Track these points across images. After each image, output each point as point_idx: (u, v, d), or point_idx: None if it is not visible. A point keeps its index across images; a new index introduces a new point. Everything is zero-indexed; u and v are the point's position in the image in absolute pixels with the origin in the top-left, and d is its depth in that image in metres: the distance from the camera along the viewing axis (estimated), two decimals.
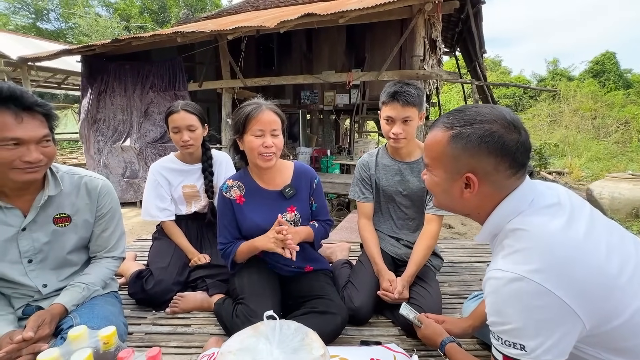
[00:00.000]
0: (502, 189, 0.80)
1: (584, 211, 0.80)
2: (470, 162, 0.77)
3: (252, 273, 1.41)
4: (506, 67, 24.07)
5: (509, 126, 0.76)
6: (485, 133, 0.75)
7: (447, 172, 0.82)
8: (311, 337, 0.85)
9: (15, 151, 0.96)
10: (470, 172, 0.78)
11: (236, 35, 3.88)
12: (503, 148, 0.75)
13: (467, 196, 0.81)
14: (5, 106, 0.93)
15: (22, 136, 0.96)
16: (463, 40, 7.63)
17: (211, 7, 19.39)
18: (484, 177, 0.78)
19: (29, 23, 18.77)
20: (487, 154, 0.75)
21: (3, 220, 1.08)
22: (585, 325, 0.68)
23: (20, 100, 0.95)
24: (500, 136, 0.75)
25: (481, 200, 0.82)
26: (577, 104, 13.90)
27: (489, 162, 0.76)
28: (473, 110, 0.80)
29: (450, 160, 0.80)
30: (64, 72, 8.75)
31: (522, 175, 0.80)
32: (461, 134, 0.78)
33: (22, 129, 0.96)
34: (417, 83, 1.54)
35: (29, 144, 0.98)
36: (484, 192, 0.80)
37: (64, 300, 1.12)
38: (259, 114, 1.28)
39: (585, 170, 8.45)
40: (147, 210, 1.78)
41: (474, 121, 0.77)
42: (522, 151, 0.76)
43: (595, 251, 0.71)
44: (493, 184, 0.78)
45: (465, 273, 1.95)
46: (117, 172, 5.57)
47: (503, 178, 0.78)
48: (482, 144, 0.75)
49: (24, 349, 0.96)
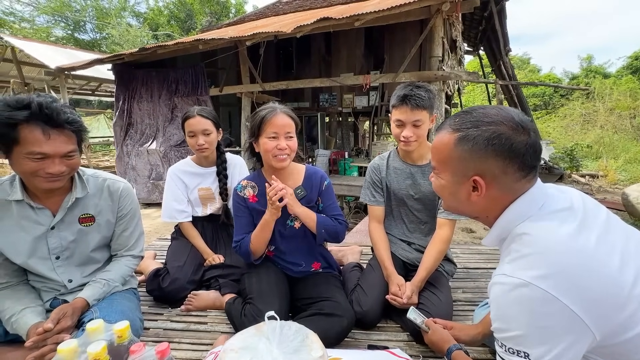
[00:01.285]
0: (510, 192, 0.78)
1: (599, 217, 0.76)
2: (478, 165, 0.76)
3: (261, 274, 1.45)
4: (535, 65, 23.00)
5: (517, 127, 0.74)
6: (492, 135, 0.73)
7: (454, 175, 0.81)
8: (311, 339, 0.87)
9: (40, 163, 1.04)
10: (478, 175, 0.76)
11: (254, 41, 3.98)
12: (511, 150, 0.73)
13: (474, 199, 0.80)
14: (35, 122, 1.00)
15: (49, 152, 1.03)
16: (487, 38, 7.40)
17: (235, 14, 19.96)
18: (491, 180, 0.76)
19: (68, 34, 20.12)
20: (495, 156, 0.74)
21: (35, 220, 1.17)
22: (596, 336, 0.65)
23: (50, 118, 1.02)
24: (507, 138, 0.73)
25: (489, 203, 0.80)
26: (613, 102, 13.05)
27: (497, 164, 0.74)
28: (480, 112, 0.78)
29: (457, 163, 0.79)
30: (97, 79, 9.30)
31: (532, 178, 0.77)
32: (468, 136, 0.76)
33: (49, 145, 1.03)
34: (428, 85, 1.52)
35: (53, 158, 1.05)
36: (492, 195, 0.78)
37: (86, 294, 1.20)
38: (273, 118, 1.33)
39: (622, 173, 7.92)
40: (166, 211, 1.86)
41: (481, 123, 0.76)
42: (531, 153, 0.74)
43: (607, 259, 0.68)
44: (501, 187, 0.77)
45: (481, 279, 1.89)
46: (143, 174, 5.84)
47: (512, 181, 0.76)
48: (490, 146, 0.74)
49: (48, 339, 1.03)
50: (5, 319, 1.12)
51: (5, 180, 1.16)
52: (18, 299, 1.16)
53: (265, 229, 1.38)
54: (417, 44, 3.88)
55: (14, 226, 1.15)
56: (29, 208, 1.16)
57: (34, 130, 1.00)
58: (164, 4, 21.31)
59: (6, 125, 0.98)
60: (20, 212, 1.15)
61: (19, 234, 1.16)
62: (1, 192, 1.14)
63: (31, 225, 1.17)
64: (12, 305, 1.13)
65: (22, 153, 1.01)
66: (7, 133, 0.99)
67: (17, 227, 1.15)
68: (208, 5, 20.17)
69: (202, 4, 20.15)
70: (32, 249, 1.18)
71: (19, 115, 0.98)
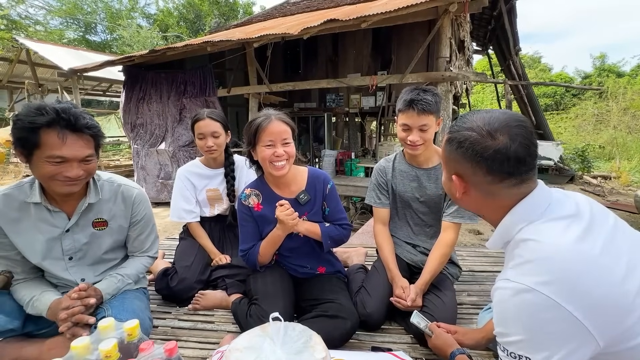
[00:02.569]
0: (492, 195, 0.80)
1: (606, 223, 0.76)
2: (454, 164, 0.83)
3: (266, 275, 1.47)
4: (546, 64, 22.60)
5: (486, 134, 0.76)
6: (461, 139, 0.79)
7: (445, 172, 0.90)
8: (315, 340, 0.88)
9: (59, 167, 1.08)
10: (455, 175, 0.83)
11: (262, 42, 4.02)
12: (475, 155, 0.77)
13: (461, 197, 0.86)
14: (55, 127, 1.04)
15: (67, 155, 1.07)
16: (496, 38, 7.31)
17: (243, 15, 20.09)
18: (467, 180, 0.82)
19: (80, 36, 20.51)
20: (463, 158, 0.80)
21: (51, 222, 1.22)
22: (599, 343, 0.66)
23: (69, 122, 1.05)
24: (472, 143, 0.77)
25: (477, 203, 0.86)
26: (627, 102, 12.74)
27: (467, 166, 0.80)
28: (467, 118, 0.83)
29: (446, 162, 0.88)
30: (108, 80, 9.50)
31: (516, 184, 0.77)
32: (450, 138, 0.84)
33: (68, 148, 1.07)
34: (434, 89, 1.51)
35: (72, 162, 1.09)
36: (474, 196, 0.84)
37: (102, 287, 1.25)
38: (268, 125, 1.32)
39: (635, 175, 7.74)
40: (174, 211, 1.90)
41: (461, 128, 0.81)
42: (498, 159, 0.75)
43: (612, 266, 0.68)
44: (478, 189, 0.81)
45: (486, 283, 1.88)
46: (153, 174, 5.93)
47: (485, 183, 0.79)
48: (459, 149, 0.80)
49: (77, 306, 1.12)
50: (25, 302, 1.17)
51: (26, 182, 1.21)
52: (36, 286, 1.22)
53: (276, 243, 1.40)
54: (424, 45, 3.86)
55: (31, 227, 1.20)
56: (46, 211, 1.21)
57: (53, 134, 1.04)
58: (174, 6, 21.58)
59: (28, 130, 1.03)
60: (38, 214, 1.20)
61: (35, 235, 1.21)
62: (21, 194, 1.19)
63: (47, 227, 1.22)
64: (31, 290, 1.19)
65: (42, 157, 1.06)
66: (29, 137, 1.03)
67: (34, 228, 1.20)
68: (216, 6, 20.35)
69: (210, 5, 20.33)
70: (46, 250, 1.23)
71: (40, 119, 1.02)
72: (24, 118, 1.03)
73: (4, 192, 1.18)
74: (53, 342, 1.24)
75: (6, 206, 1.17)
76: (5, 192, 1.18)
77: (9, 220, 1.17)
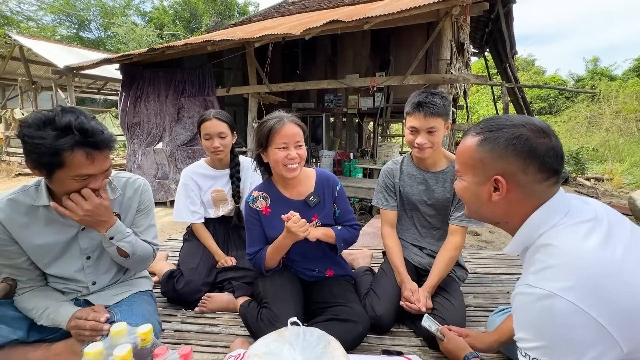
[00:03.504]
0: (531, 196, 0.79)
1: (624, 228, 0.77)
2: (499, 164, 0.79)
3: (275, 278, 1.46)
4: (540, 67, 22.84)
5: (538, 131, 0.77)
6: (512, 136, 0.77)
7: (476, 176, 0.84)
8: (333, 346, 0.88)
9: (84, 182, 1.08)
10: (499, 175, 0.79)
11: (263, 42, 4.00)
12: (531, 150, 0.76)
13: (495, 200, 0.82)
14: (80, 146, 1.01)
15: (95, 172, 1.07)
16: (493, 40, 7.36)
17: (240, 14, 20.00)
18: (512, 179, 0.78)
19: (73, 33, 20.22)
20: (515, 155, 0.77)
21: (63, 222, 1.20)
22: (623, 349, 0.66)
23: (92, 140, 1.03)
24: (527, 139, 0.76)
25: (510, 206, 0.82)
26: (619, 105, 12.98)
27: (517, 164, 0.77)
28: (503, 118, 0.83)
29: (478, 164, 0.82)
30: (104, 78, 9.36)
31: (554, 184, 0.79)
32: (489, 137, 0.80)
33: (94, 166, 1.06)
34: (443, 92, 1.52)
35: (98, 176, 1.10)
36: (513, 197, 0.80)
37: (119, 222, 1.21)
38: (282, 128, 1.31)
39: (627, 177, 7.87)
40: (179, 212, 1.88)
41: (503, 126, 0.80)
42: (551, 155, 0.76)
43: (635, 271, 0.68)
44: (522, 189, 0.78)
45: (492, 285, 1.90)
46: (150, 174, 5.87)
47: (532, 182, 0.77)
48: (510, 146, 0.77)
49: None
50: (38, 314, 1.14)
51: (31, 186, 1.18)
52: (46, 296, 1.19)
53: (282, 250, 1.39)
54: (425, 47, 3.88)
55: (42, 230, 1.17)
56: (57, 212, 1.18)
57: (80, 155, 1.01)
58: (169, 4, 21.38)
59: (51, 155, 0.98)
60: (48, 216, 1.17)
61: (49, 237, 1.18)
62: (27, 198, 1.15)
63: (61, 228, 1.20)
64: (43, 301, 1.16)
65: (67, 175, 1.03)
66: (52, 161, 0.99)
67: (46, 230, 1.17)
68: (212, 5, 20.21)
69: (206, 4, 20.19)
70: (63, 250, 1.21)
71: (63, 145, 0.98)
72: (43, 142, 0.96)
73: (9, 197, 1.14)
74: (59, 347, 1.22)
75: (13, 211, 1.13)
76: (10, 197, 1.14)
77: (18, 225, 1.14)
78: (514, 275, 2.00)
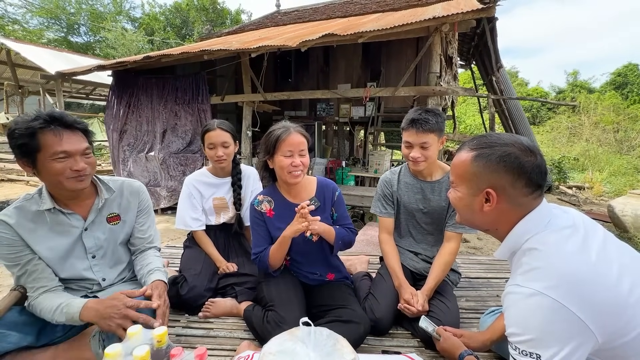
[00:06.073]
0: (519, 207, 0.89)
1: (597, 234, 0.88)
2: (490, 178, 0.88)
3: (279, 282, 1.52)
4: (523, 79, 23.77)
5: (526, 150, 0.87)
6: (503, 153, 0.87)
7: (469, 188, 0.93)
8: (342, 343, 0.94)
9: (65, 162, 1.15)
10: (490, 188, 0.88)
11: (259, 52, 4.08)
12: (519, 167, 0.85)
13: (486, 210, 0.91)
14: (50, 127, 1.12)
15: (69, 149, 1.15)
16: (479, 53, 7.67)
17: (231, 23, 20.11)
18: (501, 192, 0.88)
19: (61, 37, 19.90)
20: (505, 171, 0.86)
21: (68, 224, 1.27)
22: (598, 340, 0.75)
23: (61, 121, 1.14)
24: (516, 157, 0.86)
25: (499, 215, 0.91)
26: (598, 116, 13.60)
27: (507, 178, 0.86)
28: (495, 136, 0.92)
29: (472, 177, 0.92)
30: (93, 83, 9.27)
31: (539, 196, 0.89)
32: (482, 154, 0.90)
33: (67, 143, 1.15)
34: (437, 109, 1.63)
35: (75, 156, 1.17)
36: (502, 208, 0.89)
37: (161, 277, 1.34)
38: (288, 137, 1.42)
39: (607, 186, 8.24)
40: (181, 219, 1.92)
41: (495, 144, 0.89)
42: (537, 172, 0.86)
43: (607, 271, 0.79)
44: (510, 200, 0.88)
45: (482, 289, 1.99)
46: (140, 181, 5.80)
47: (519, 195, 0.87)
48: (501, 163, 0.87)
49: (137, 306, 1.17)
50: (51, 312, 1.16)
51: (34, 193, 1.25)
52: (59, 295, 1.22)
53: (283, 244, 1.45)
54: (416, 61, 4.04)
55: (49, 233, 1.23)
56: (61, 214, 1.25)
57: (50, 134, 1.12)
58: (160, 10, 21.33)
59: (26, 136, 1.10)
60: (53, 219, 1.24)
61: (55, 239, 1.24)
62: (32, 204, 1.22)
63: (67, 229, 1.26)
64: (56, 299, 1.19)
65: (46, 158, 1.12)
66: (29, 143, 1.11)
67: (52, 233, 1.24)
68: (204, 13, 20.28)
69: (198, 12, 20.24)
70: (69, 251, 1.27)
71: (34, 123, 1.10)
72: (20, 126, 1.11)
73: (15, 206, 1.22)
74: (65, 347, 1.25)
75: (21, 217, 1.20)
76: (17, 205, 1.22)
77: (26, 230, 1.20)
78: (502, 280, 2.10)
